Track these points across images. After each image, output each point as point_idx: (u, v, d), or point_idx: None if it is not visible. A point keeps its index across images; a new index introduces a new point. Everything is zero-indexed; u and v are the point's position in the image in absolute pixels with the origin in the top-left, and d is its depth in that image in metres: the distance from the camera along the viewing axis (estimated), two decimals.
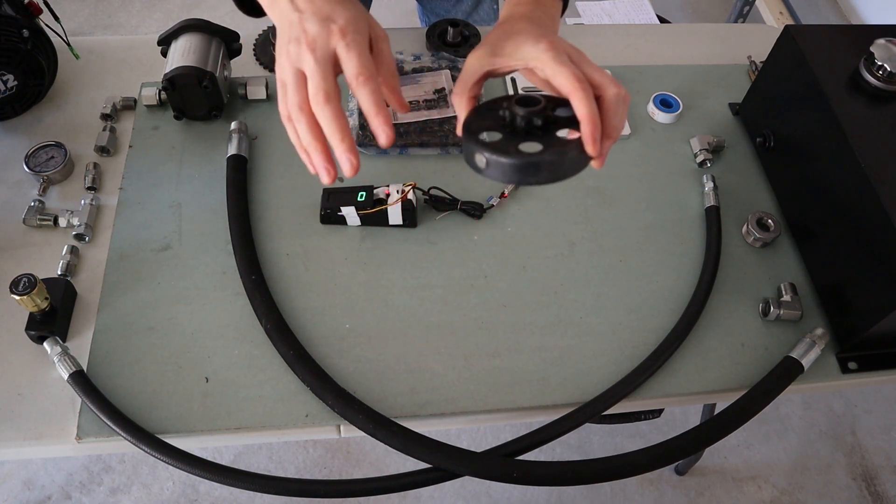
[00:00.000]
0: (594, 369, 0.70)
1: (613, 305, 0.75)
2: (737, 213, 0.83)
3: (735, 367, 0.72)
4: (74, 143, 0.82)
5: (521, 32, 0.55)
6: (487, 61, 0.56)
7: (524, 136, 0.52)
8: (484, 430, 1.52)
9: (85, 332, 0.69)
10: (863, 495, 1.51)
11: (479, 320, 0.73)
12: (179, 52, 0.81)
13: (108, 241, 0.75)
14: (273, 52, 0.95)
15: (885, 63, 0.73)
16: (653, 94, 0.93)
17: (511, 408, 0.68)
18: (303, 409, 0.66)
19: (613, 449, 1.52)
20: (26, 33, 0.79)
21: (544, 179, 0.51)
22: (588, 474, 0.64)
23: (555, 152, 0.51)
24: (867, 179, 0.67)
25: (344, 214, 0.77)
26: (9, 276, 0.64)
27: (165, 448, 0.62)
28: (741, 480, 1.51)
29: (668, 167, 0.87)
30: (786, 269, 0.79)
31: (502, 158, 0.50)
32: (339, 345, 0.70)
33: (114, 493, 1.40)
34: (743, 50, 1.02)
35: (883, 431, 1.59)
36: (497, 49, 0.56)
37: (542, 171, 0.50)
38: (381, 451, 1.48)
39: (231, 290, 0.73)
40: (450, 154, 0.86)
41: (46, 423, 0.64)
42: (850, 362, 0.73)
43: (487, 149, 0.50)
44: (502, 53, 0.55)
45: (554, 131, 0.53)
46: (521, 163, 0.50)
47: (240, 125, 0.83)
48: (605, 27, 1.10)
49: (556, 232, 0.80)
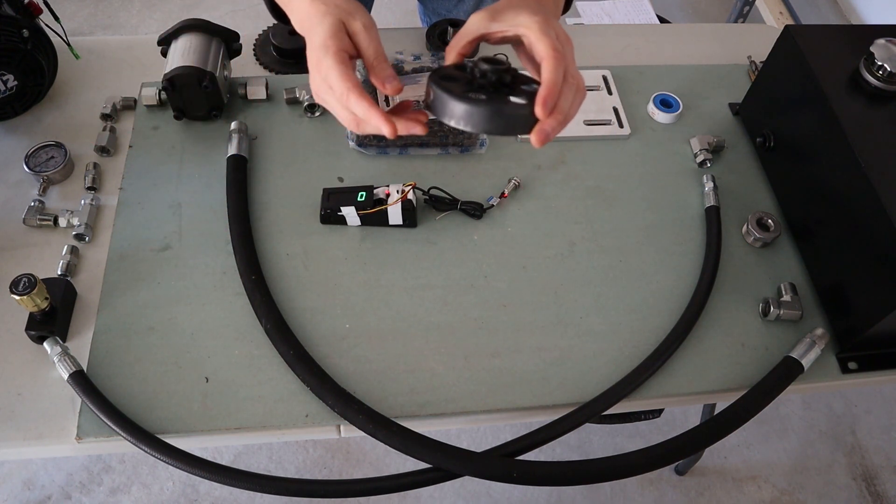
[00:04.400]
0: (594, 369, 0.70)
1: (613, 305, 0.75)
2: (737, 213, 0.83)
3: (735, 367, 0.72)
4: (74, 143, 0.82)
5: (524, 6, 0.59)
6: (485, 24, 0.59)
7: (476, 90, 0.55)
8: (484, 430, 1.52)
9: (85, 332, 0.69)
10: (863, 495, 1.51)
11: (479, 320, 0.73)
12: (179, 52, 0.81)
13: (108, 241, 0.75)
14: (273, 52, 0.96)
15: (885, 63, 0.73)
16: (653, 94, 0.93)
17: (511, 408, 0.68)
18: (303, 409, 0.66)
19: (613, 449, 1.52)
20: (26, 33, 0.79)
21: (478, 125, 0.54)
22: (588, 474, 0.64)
23: (496, 101, 0.54)
24: (867, 179, 0.67)
25: (344, 214, 0.77)
26: (9, 276, 0.64)
27: (165, 448, 0.62)
28: (741, 480, 1.51)
29: (668, 167, 0.87)
30: (786, 269, 0.79)
31: (446, 95, 0.53)
32: (339, 345, 0.70)
33: (114, 493, 1.40)
34: (743, 50, 1.02)
35: (883, 431, 1.59)
36: (497, 14, 0.59)
37: (476, 117, 0.54)
38: (381, 451, 1.48)
39: (231, 290, 0.73)
40: (450, 154, 0.86)
41: (46, 423, 0.64)
42: (850, 362, 0.73)
43: (440, 87, 0.54)
44: (501, 19, 0.58)
45: (506, 94, 0.56)
46: (460, 103, 0.53)
47: (240, 125, 0.83)
48: (605, 27, 1.10)
49: (556, 232, 0.80)
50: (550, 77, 0.54)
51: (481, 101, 0.53)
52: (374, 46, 0.58)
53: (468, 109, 0.53)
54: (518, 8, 0.58)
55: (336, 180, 0.82)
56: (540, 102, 0.53)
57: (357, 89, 0.55)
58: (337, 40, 0.56)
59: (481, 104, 0.53)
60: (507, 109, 0.54)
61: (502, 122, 0.55)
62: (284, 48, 0.94)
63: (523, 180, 0.84)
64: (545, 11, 0.59)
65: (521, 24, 0.57)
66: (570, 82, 0.55)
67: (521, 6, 0.58)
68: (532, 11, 0.57)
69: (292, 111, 0.88)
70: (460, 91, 0.54)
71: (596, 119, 0.90)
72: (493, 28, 0.59)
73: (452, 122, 0.54)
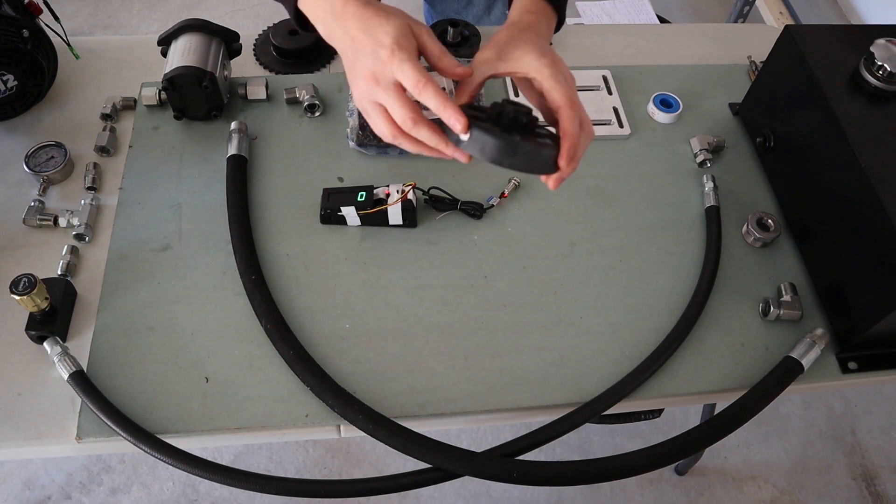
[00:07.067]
0: (594, 369, 0.70)
1: (613, 305, 0.75)
2: (737, 213, 0.83)
3: (735, 367, 0.72)
4: (74, 143, 0.82)
5: (527, 43, 0.61)
6: (493, 65, 0.61)
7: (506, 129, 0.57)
8: (484, 430, 1.52)
9: (85, 332, 0.69)
10: (863, 495, 1.51)
11: (479, 320, 0.73)
12: (179, 52, 0.81)
13: (108, 241, 0.75)
14: (273, 52, 0.96)
15: (885, 63, 0.73)
16: (653, 94, 0.93)
17: (511, 408, 0.68)
18: (303, 409, 0.66)
19: (613, 449, 1.52)
20: (26, 33, 0.79)
21: (514, 164, 0.57)
22: (588, 474, 0.64)
23: (533, 143, 0.57)
24: (867, 179, 0.67)
25: (344, 214, 0.77)
26: (9, 276, 0.64)
27: (165, 448, 0.62)
28: (741, 480, 1.50)
29: (668, 167, 0.87)
30: (786, 269, 0.79)
31: (486, 134, 0.55)
32: (339, 345, 0.70)
33: (114, 493, 1.40)
34: (743, 50, 1.02)
35: (883, 431, 1.59)
36: (504, 54, 0.61)
37: (516, 156, 0.56)
38: (381, 451, 1.48)
39: (231, 290, 0.73)
40: None
41: (46, 423, 0.64)
42: (850, 362, 0.73)
43: (475, 124, 0.55)
44: (508, 59, 0.60)
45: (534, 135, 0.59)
46: (501, 142, 0.55)
47: (240, 125, 0.83)
48: (605, 27, 1.10)
49: (556, 232, 0.80)
50: (571, 129, 0.57)
51: (519, 140, 0.56)
52: (438, 45, 0.61)
53: (504, 147, 0.55)
54: (522, 46, 0.60)
55: (336, 180, 0.82)
56: (564, 155, 0.57)
57: (433, 81, 0.56)
58: (408, 39, 0.58)
59: (520, 143, 0.56)
60: (543, 152, 0.57)
61: (538, 162, 0.58)
62: (284, 48, 0.94)
63: (523, 180, 0.84)
64: (547, 49, 0.61)
65: (531, 69, 0.59)
66: (585, 130, 0.59)
67: (524, 43, 0.60)
68: (539, 53, 0.59)
69: (292, 111, 0.88)
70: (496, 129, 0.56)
71: (596, 119, 0.90)
72: (502, 69, 0.61)
73: (484, 157, 0.56)
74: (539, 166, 0.58)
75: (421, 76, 0.56)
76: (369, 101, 0.59)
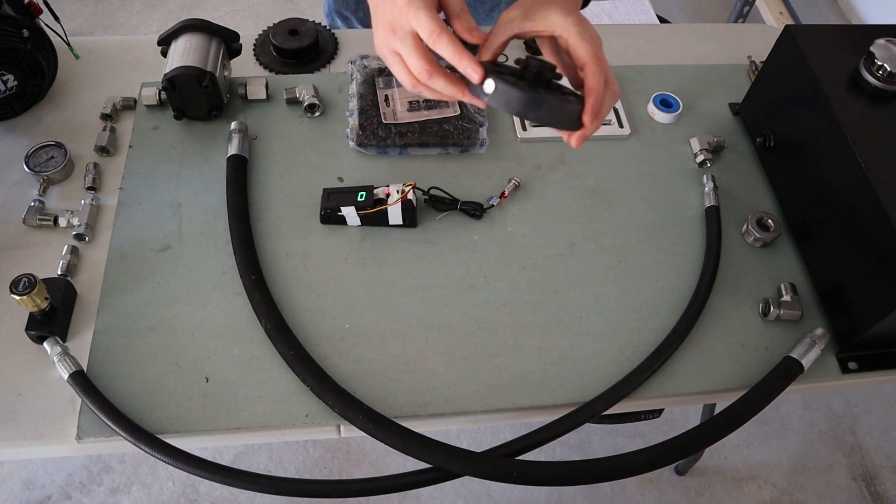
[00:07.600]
0: (594, 369, 0.70)
1: (613, 305, 0.75)
2: (737, 213, 0.83)
3: (735, 367, 0.72)
4: (74, 143, 0.82)
5: (554, 3, 0.60)
6: (518, 23, 0.60)
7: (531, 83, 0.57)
8: (484, 430, 1.52)
9: (85, 332, 0.69)
10: (863, 495, 1.51)
11: (479, 320, 0.73)
12: (179, 52, 0.81)
13: (108, 241, 0.75)
14: (273, 52, 0.96)
15: (885, 63, 0.73)
16: (653, 94, 0.93)
17: (511, 408, 0.68)
18: (303, 409, 0.66)
19: (613, 449, 1.52)
20: (26, 33, 0.79)
21: (539, 118, 0.57)
22: (588, 474, 0.64)
23: (558, 98, 0.57)
24: (867, 179, 0.67)
25: (344, 214, 0.77)
26: (9, 276, 0.64)
27: (165, 448, 0.62)
28: (741, 480, 1.51)
29: (668, 167, 0.87)
30: (786, 269, 0.79)
31: (512, 87, 0.55)
32: (339, 345, 0.70)
33: (114, 493, 1.40)
34: (743, 50, 1.02)
35: (883, 431, 1.59)
36: (530, 13, 0.60)
37: (541, 109, 0.56)
38: (381, 451, 1.48)
39: (231, 290, 0.73)
40: (450, 154, 0.86)
41: (46, 423, 0.64)
42: (850, 362, 0.73)
43: (500, 77, 0.55)
44: (534, 18, 0.60)
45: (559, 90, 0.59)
46: (527, 95, 0.55)
47: (240, 125, 0.83)
48: (605, 27, 1.10)
49: (556, 232, 0.80)
50: (596, 86, 0.57)
51: (545, 94, 0.56)
52: (460, 1, 0.60)
53: (530, 100, 0.55)
54: (549, 6, 0.60)
55: (336, 180, 0.82)
56: (589, 111, 0.57)
57: (448, 32, 0.56)
58: None
59: (546, 97, 0.56)
60: (568, 107, 0.57)
61: (561, 116, 0.58)
62: (284, 48, 0.94)
63: (523, 180, 0.84)
64: (573, 9, 0.60)
65: (557, 26, 0.59)
66: (610, 88, 0.59)
67: (551, 3, 0.60)
68: (565, 12, 0.59)
69: (292, 111, 0.88)
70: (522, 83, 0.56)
71: None
72: (527, 27, 0.60)
73: (509, 109, 0.57)
74: (563, 121, 0.58)
75: (436, 26, 0.56)
76: (388, 50, 0.59)
